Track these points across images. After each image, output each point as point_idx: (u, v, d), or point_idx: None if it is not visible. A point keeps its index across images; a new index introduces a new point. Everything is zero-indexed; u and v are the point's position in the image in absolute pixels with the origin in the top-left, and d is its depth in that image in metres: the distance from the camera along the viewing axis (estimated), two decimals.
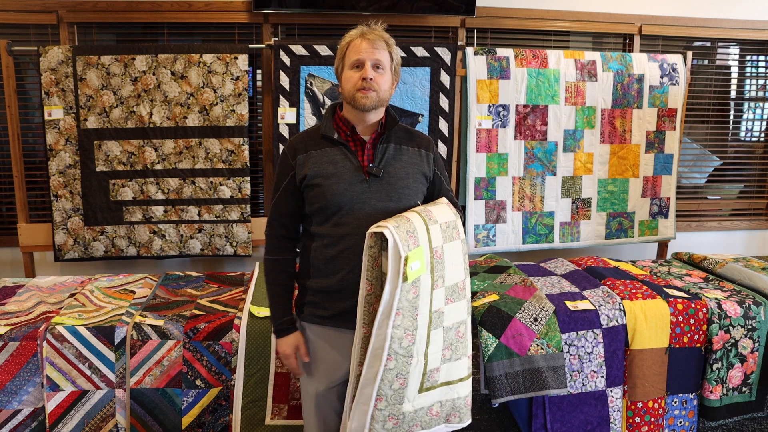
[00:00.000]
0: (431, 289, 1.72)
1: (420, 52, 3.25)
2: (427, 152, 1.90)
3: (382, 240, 1.65)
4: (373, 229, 1.63)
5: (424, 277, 1.69)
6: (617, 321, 2.49)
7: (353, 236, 1.73)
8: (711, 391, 2.57)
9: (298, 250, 1.91)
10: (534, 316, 2.45)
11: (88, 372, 2.30)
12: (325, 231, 1.77)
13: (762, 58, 3.99)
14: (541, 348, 2.39)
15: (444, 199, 1.92)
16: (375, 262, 1.68)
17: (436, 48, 3.27)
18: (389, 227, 1.61)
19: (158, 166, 3.19)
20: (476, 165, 3.40)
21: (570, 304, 2.53)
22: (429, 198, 1.93)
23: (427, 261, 1.69)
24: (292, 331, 1.86)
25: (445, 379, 1.82)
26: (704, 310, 2.56)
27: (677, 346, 2.54)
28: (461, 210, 1.99)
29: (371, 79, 1.72)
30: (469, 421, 1.91)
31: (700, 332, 2.55)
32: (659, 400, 2.54)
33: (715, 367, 2.56)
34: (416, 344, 1.69)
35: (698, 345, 2.56)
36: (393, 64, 1.80)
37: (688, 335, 2.54)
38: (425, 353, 1.73)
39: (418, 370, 1.73)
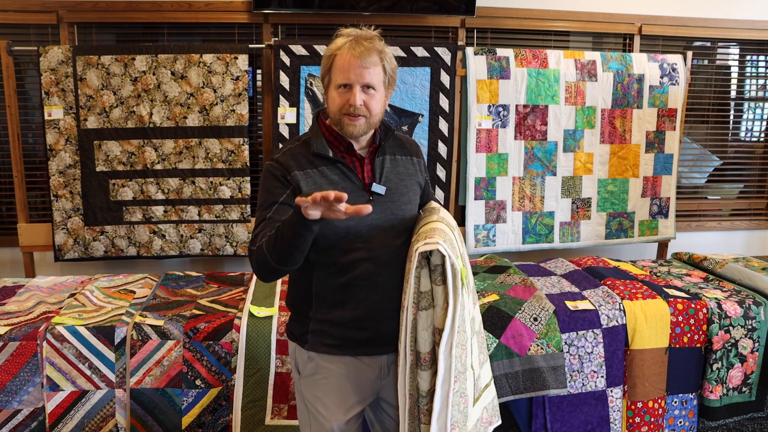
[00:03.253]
0: (470, 298, 1.65)
1: (420, 52, 3.25)
2: (418, 159, 1.80)
3: (422, 258, 1.53)
4: (422, 248, 1.48)
5: (465, 288, 1.61)
6: (617, 321, 2.49)
7: (366, 262, 1.59)
8: (711, 391, 2.57)
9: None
10: (534, 316, 2.45)
11: (88, 372, 2.30)
12: (332, 259, 1.60)
13: (762, 58, 3.99)
14: (541, 348, 2.39)
15: (434, 203, 1.84)
16: (418, 284, 1.54)
17: (436, 48, 3.27)
18: (440, 243, 1.47)
19: (158, 166, 3.19)
20: (476, 165, 3.40)
21: (570, 304, 2.53)
22: (420, 204, 1.83)
23: (461, 269, 1.60)
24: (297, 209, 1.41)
25: (485, 382, 1.79)
26: (704, 310, 2.56)
27: (677, 346, 2.54)
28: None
29: (361, 106, 1.56)
30: (500, 419, 1.87)
31: (700, 332, 2.55)
32: (659, 400, 2.54)
33: (715, 367, 2.56)
34: (467, 357, 1.61)
35: (698, 345, 2.56)
36: (386, 77, 1.61)
37: (688, 335, 2.54)
38: (471, 363, 1.66)
39: (471, 382, 1.65)
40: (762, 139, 4.10)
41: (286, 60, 3.18)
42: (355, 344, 1.64)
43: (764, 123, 4.09)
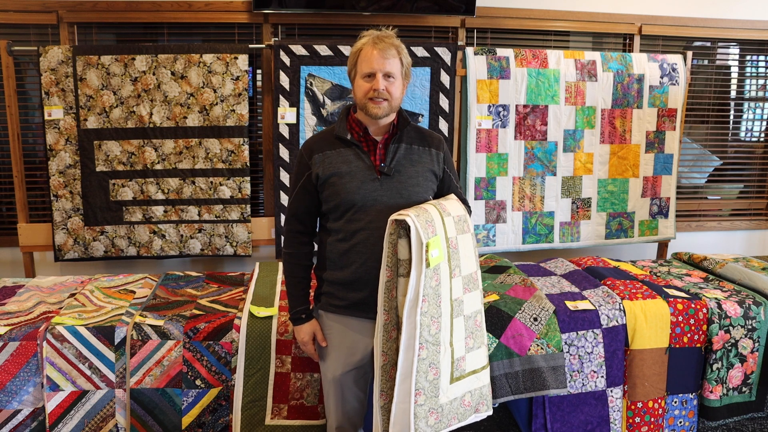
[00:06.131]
0: (450, 278, 1.80)
1: (420, 52, 3.25)
2: (438, 151, 1.98)
3: (400, 228, 1.73)
4: (394, 216, 1.72)
5: (443, 266, 1.77)
6: (617, 321, 2.49)
7: (365, 231, 1.84)
8: (711, 391, 2.57)
9: (315, 243, 2.01)
10: (534, 316, 2.45)
11: (88, 372, 2.30)
12: (340, 226, 1.87)
13: (762, 58, 3.99)
14: (541, 348, 2.39)
15: (453, 196, 2.01)
16: (393, 249, 1.75)
17: (436, 48, 3.27)
18: (411, 215, 1.70)
19: (158, 166, 3.19)
20: (476, 165, 3.40)
21: (570, 304, 2.53)
22: (439, 195, 2.02)
23: (444, 250, 1.78)
24: (308, 320, 1.98)
25: (471, 368, 1.89)
26: (704, 310, 2.56)
27: (677, 346, 2.54)
28: (469, 206, 2.08)
29: (384, 90, 1.81)
30: (491, 410, 1.98)
31: (700, 332, 2.55)
32: (659, 400, 2.54)
33: (715, 367, 2.56)
34: (442, 332, 1.76)
35: (698, 345, 2.56)
36: (403, 69, 1.88)
37: (688, 335, 2.54)
38: (450, 341, 1.81)
39: (447, 359, 1.79)
40: (762, 139, 4.10)
41: (286, 60, 3.18)
42: (354, 305, 1.89)
43: (764, 123, 4.09)
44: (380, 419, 1.79)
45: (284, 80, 3.20)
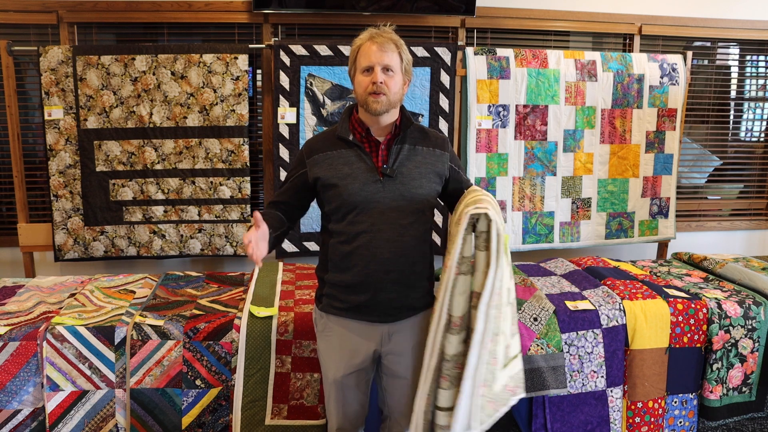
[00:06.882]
0: (507, 267, 1.76)
1: (420, 52, 3.25)
2: (442, 151, 1.94)
3: (469, 224, 1.66)
4: (472, 210, 1.65)
5: (507, 256, 1.73)
6: (617, 321, 2.49)
7: (368, 234, 1.81)
8: (711, 391, 2.57)
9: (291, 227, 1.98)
10: (534, 316, 2.45)
11: (88, 372, 2.30)
12: (342, 228, 1.84)
13: (762, 58, 3.99)
14: (541, 348, 2.39)
15: (475, 187, 1.95)
16: (464, 246, 1.67)
17: (436, 48, 3.27)
18: (489, 209, 1.63)
19: (158, 166, 3.19)
20: (476, 165, 3.40)
21: (570, 304, 2.53)
22: (454, 192, 1.97)
23: (505, 236, 1.73)
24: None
25: (513, 353, 1.85)
26: (704, 310, 2.56)
27: (677, 346, 2.54)
28: None
29: (381, 83, 1.78)
30: (524, 392, 1.93)
31: (700, 332, 2.55)
32: (659, 400, 2.54)
33: (715, 367, 2.56)
34: (502, 321, 1.72)
35: (698, 345, 2.56)
36: (403, 64, 1.84)
37: (688, 335, 2.54)
38: (504, 329, 1.76)
39: (502, 346, 1.75)
40: (762, 139, 4.10)
41: (286, 60, 3.18)
42: (356, 309, 1.86)
43: (764, 123, 4.09)
44: (422, 424, 1.74)
45: (284, 80, 3.20)
